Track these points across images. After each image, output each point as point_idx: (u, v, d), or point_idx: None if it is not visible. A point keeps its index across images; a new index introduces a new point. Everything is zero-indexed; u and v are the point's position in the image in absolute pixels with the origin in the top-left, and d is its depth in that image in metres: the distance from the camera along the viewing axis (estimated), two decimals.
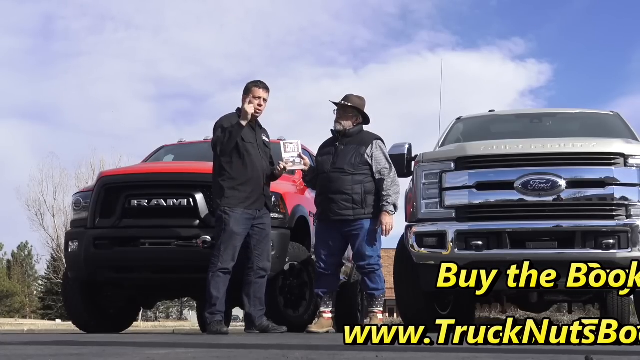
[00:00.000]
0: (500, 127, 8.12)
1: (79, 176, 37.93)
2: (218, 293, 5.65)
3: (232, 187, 5.74)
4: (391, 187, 6.02)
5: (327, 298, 6.19)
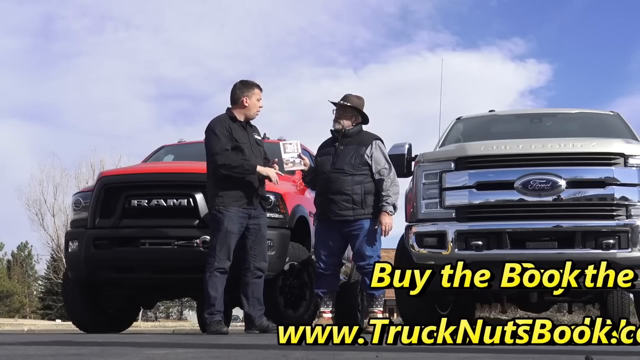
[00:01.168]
0: (500, 127, 8.12)
1: (79, 176, 38.00)
2: (216, 293, 5.66)
3: (226, 187, 5.75)
4: (391, 188, 6.02)
5: (327, 298, 6.19)
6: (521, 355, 3.40)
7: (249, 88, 5.96)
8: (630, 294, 7.45)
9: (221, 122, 5.87)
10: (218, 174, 5.77)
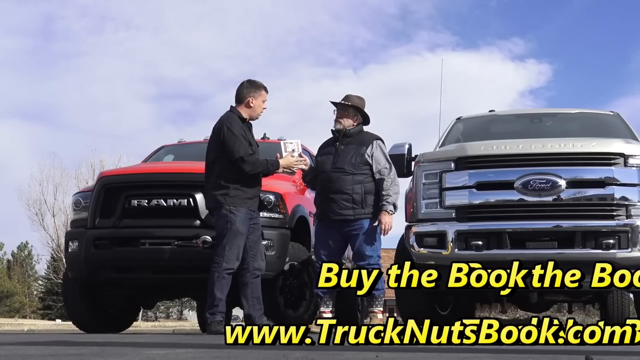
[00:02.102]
0: (500, 127, 8.12)
1: (79, 176, 37.96)
2: (222, 294, 5.62)
3: (237, 187, 5.72)
4: (391, 187, 6.02)
5: (327, 298, 6.18)
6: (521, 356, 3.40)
7: (256, 89, 5.95)
8: (630, 294, 7.44)
9: (238, 123, 5.82)
10: (231, 174, 5.74)
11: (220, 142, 5.75)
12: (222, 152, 5.76)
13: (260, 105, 5.94)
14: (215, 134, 5.85)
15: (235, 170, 5.72)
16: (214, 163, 5.84)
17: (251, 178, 5.79)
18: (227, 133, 5.73)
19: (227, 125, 5.77)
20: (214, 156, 5.85)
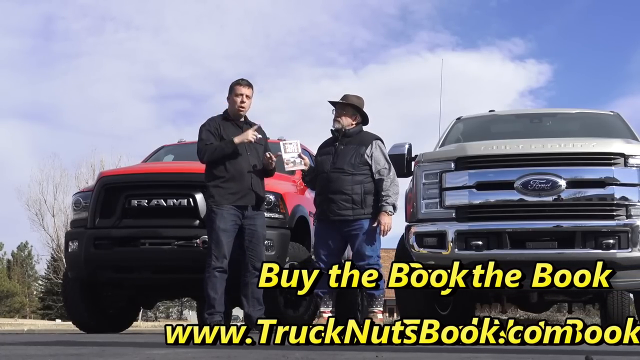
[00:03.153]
0: (500, 127, 8.12)
1: (79, 176, 37.98)
2: (215, 293, 5.65)
3: (216, 185, 5.78)
4: (390, 187, 6.02)
5: (327, 298, 6.18)
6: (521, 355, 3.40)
7: (231, 85, 6.02)
8: (630, 294, 7.44)
9: (209, 123, 5.95)
10: (208, 173, 5.84)
11: None
12: None
13: (234, 100, 5.93)
14: None
15: (210, 168, 5.82)
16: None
17: (231, 174, 5.77)
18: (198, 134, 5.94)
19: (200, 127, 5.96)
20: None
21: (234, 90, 5.97)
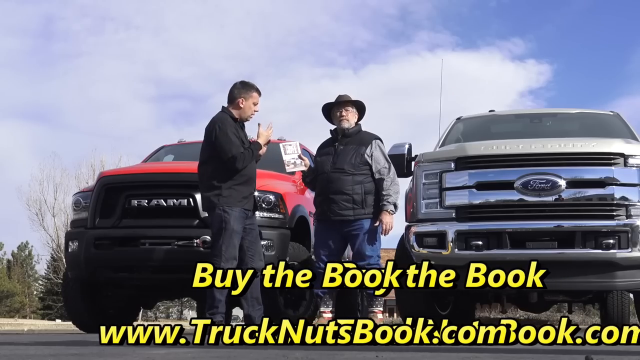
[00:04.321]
0: (500, 127, 8.13)
1: (79, 176, 38.01)
2: (221, 296, 5.61)
3: (230, 186, 5.71)
4: (391, 187, 6.02)
5: (327, 298, 6.18)
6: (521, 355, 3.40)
7: (247, 90, 5.91)
8: (630, 294, 7.44)
9: (230, 123, 5.80)
10: (223, 174, 5.74)
11: (212, 143, 5.75)
12: (214, 152, 5.75)
13: (250, 106, 5.89)
14: (207, 134, 5.83)
15: (228, 170, 5.71)
16: (206, 164, 5.83)
17: (245, 177, 5.77)
18: (218, 132, 5.72)
19: (218, 125, 5.76)
20: (206, 157, 5.84)
21: (253, 98, 5.88)
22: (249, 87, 5.92)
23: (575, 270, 5.83)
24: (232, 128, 5.76)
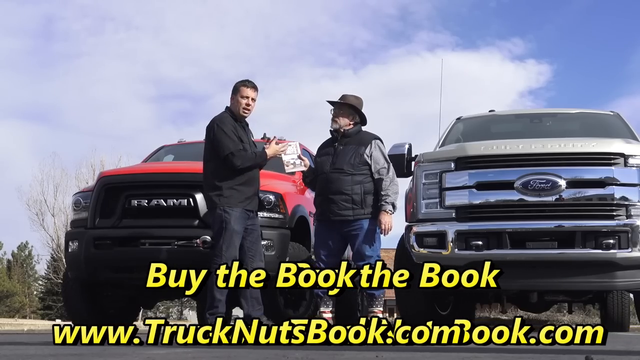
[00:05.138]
0: (500, 127, 8.13)
1: (79, 176, 37.93)
2: (221, 295, 5.62)
3: (231, 186, 5.72)
4: (390, 187, 6.02)
5: (327, 298, 6.18)
6: (521, 355, 3.40)
7: (236, 86, 5.96)
8: (630, 294, 7.45)
9: (229, 121, 5.83)
10: (224, 173, 5.74)
11: (212, 141, 5.79)
12: (214, 151, 5.78)
13: (239, 101, 5.88)
14: (207, 133, 5.87)
15: (228, 169, 5.72)
16: (209, 163, 5.85)
17: (246, 177, 5.77)
18: (216, 130, 5.77)
19: (217, 124, 5.80)
20: (208, 156, 5.86)
21: (239, 92, 5.91)
22: (239, 83, 5.98)
23: (575, 270, 5.83)
24: (231, 126, 5.78)
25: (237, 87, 5.94)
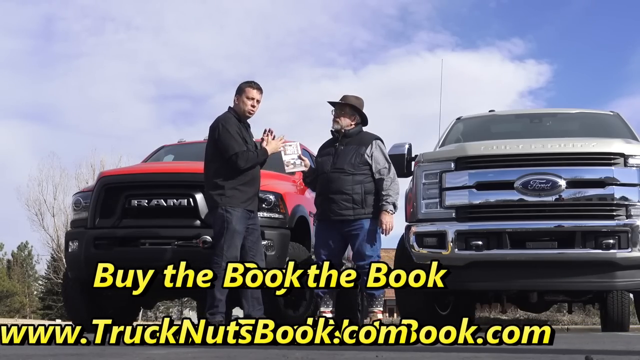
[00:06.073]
0: (500, 127, 8.13)
1: (79, 176, 37.89)
2: (222, 295, 5.62)
3: (234, 187, 5.73)
4: (391, 187, 6.02)
5: (327, 298, 6.18)
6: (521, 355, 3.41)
7: (241, 87, 5.97)
8: (630, 294, 7.45)
9: (233, 122, 5.84)
10: (226, 173, 5.74)
11: (216, 141, 5.79)
12: (218, 151, 5.78)
13: (244, 101, 5.91)
14: (211, 133, 5.89)
15: (231, 169, 5.72)
16: (211, 162, 5.86)
17: (248, 177, 5.78)
18: (221, 130, 5.77)
19: (222, 124, 5.81)
20: (211, 156, 5.87)
21: (246, 93, 5.92)
22: (245, 84, 5.98)
23: (575, 270, 5.84)
24: (235, 127, 5.80)
25: (242, 88, 5.94)
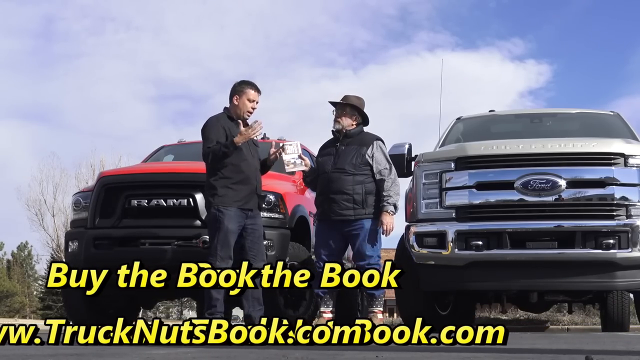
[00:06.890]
0: (500, 127, 8.13)
1: (79, 176, 37.87)
2: (218, 294, 5.63)
3: (226, 185, 5.72)
4: (391, 188, 6.02)
5: (327, 298, 6.18)
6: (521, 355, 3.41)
7: (242, 87, 5.95)
8: (630, 294, 7.45)
9: (217, 121, 5.85)
10: (217, 173, 5.76)
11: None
12: None
13: (245, 103, 5.89)
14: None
15: (223, 168, 5.73)
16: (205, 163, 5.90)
17: (242, 176, 5.76)
18: (203, 129, 5.84)
19: (206, 123, 5.86)
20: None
21: (246, 94, 5.90)
22: (244, 84, 5.96)
23: (575, 270, 5.84)
24: (219, 125, 5.79)
25: (243, 89, 5.91)
